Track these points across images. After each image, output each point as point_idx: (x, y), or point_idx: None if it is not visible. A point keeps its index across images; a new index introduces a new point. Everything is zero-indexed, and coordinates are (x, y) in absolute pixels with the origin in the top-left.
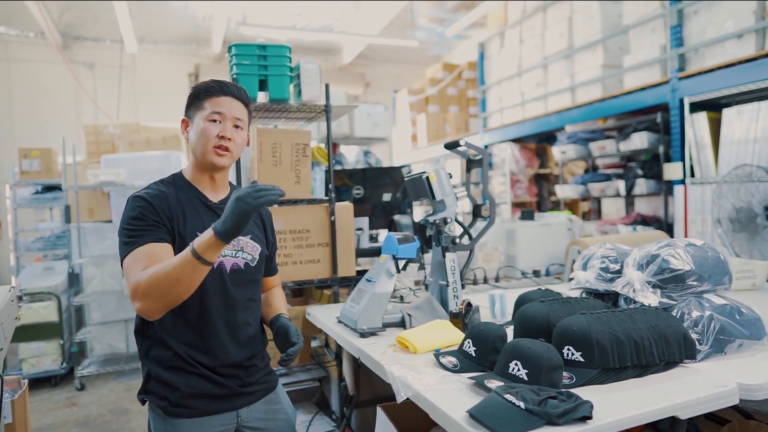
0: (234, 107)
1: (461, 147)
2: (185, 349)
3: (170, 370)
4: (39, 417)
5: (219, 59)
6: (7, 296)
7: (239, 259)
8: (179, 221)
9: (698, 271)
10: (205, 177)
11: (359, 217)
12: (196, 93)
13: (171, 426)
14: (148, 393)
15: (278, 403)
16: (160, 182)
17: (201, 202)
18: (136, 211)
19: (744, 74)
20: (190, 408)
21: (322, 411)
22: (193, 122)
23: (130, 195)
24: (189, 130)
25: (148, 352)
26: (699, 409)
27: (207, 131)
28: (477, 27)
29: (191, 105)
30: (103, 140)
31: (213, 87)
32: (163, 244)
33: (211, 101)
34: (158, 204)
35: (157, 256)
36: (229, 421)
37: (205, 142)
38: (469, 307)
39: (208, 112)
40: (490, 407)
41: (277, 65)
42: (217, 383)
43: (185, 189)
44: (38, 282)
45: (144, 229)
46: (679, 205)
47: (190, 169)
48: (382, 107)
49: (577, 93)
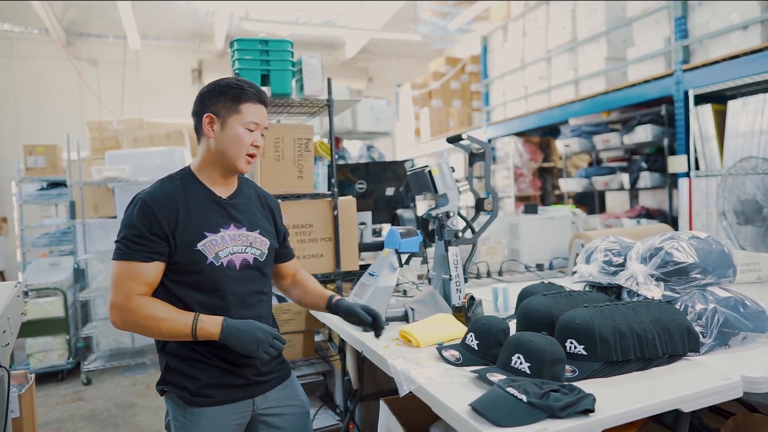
0: (265, 116)
1: (464, 141)
2: (202, 347)
3: (188, 361)
4: (46, 411)
5: (222, 55)
6: (14, 292)
7: (248, 254)
8: (186, 220)
9: (702, 263)
10: (219, 176)
11: (362, 212)
12: (233, 93)
13: (191, 415)
14: (168, 384)
15: (292, 391)
16: (167, 178)
17: (210, 199)
18: (135, 220)
19: (749, 66)
20: (210, 397)
21: (326, 405)
22: (225, 123)
23: (135, 195)
24: (215, 128)
25: (164, 346)
26: (703, 402)
27: (244, 139)
28: (480, 20)
29: (222, 103)
30: (107, 136)
31: (251, 93)
32: (151, 264)
33: (248, 107)
34: (161, 208)
35: (143, 277)
36: (246, 409)
37: (240, 149)
38: (472, 301)
39: (248, 121)
40: (493, 400)
41: (279, 60)
42: (234, 373)
43: (195, 186)
44: (44, 278)
45: (137, 244)
46: (683, 198)
47: (203, 165)
48: (384, 102)
49: (581, 86)
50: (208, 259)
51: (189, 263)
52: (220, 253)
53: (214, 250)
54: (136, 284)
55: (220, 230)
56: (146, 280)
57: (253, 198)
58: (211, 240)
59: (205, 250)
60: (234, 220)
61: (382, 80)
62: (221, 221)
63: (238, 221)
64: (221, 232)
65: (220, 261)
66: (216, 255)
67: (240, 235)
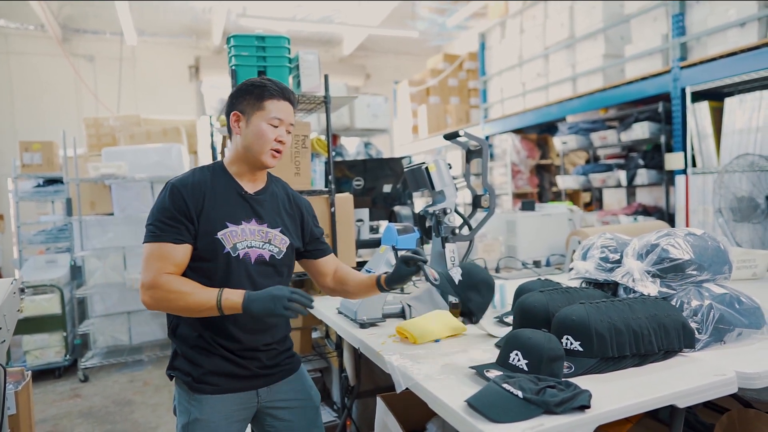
0: (290, 113)
1: (461, 138)
2: (208, 333)
3: (195, 348)
4: (43, 408)
5: (219, 51)
6: (10, 288)
7: (265, 250)
8: (210, 208)
9: (698, 260)
10: (247, 171)
11: (359, 209)
12: (257, 92)
13: (194, 401)
14: (175, 369)
15: (301, 384)
16: (199, 168)
17: (236, 192)
18: (167, 202)
19: (746, 63)
20: (213, 384)
21: (324, 401)
22: (250, 120)
23: (168, 181)
24: (241, 125)
25: (175, 329)
26: (698, 397)
27: (267, 135)
28: (478, 17)
29: (247, 101)
30: (104, 133)
31: (275, 90)
32: (180, 245)
33: (272, 104)
34: (190, 193)
35: (173, 258)
36: (250, 400)
37: (264, 144)
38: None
39: (271, 116)
40: (488, 396)
41: (276, 56)
42: (238, 364)
43: (223, 178)
44: (41, 275)
45: (169, 226)
46: (680, 195)
47: (233, 161)
48: (382, 98)
49: (578, 83)
50: (226, 248)
51: (206, 250)
52: (238, 244)
53: (233, 240)
54: (166, 264)
55: (241, 223)
56: (175, 261)
57: (281, 196)
58: (232, 231)
59: (224, 240)
60: (256, 215)
61: (380, 77)
62: (244, 214)
63: (260, 217)
64: (243, 224)
65: (237, 252)
66: (234, 246)
67: (260, 231)
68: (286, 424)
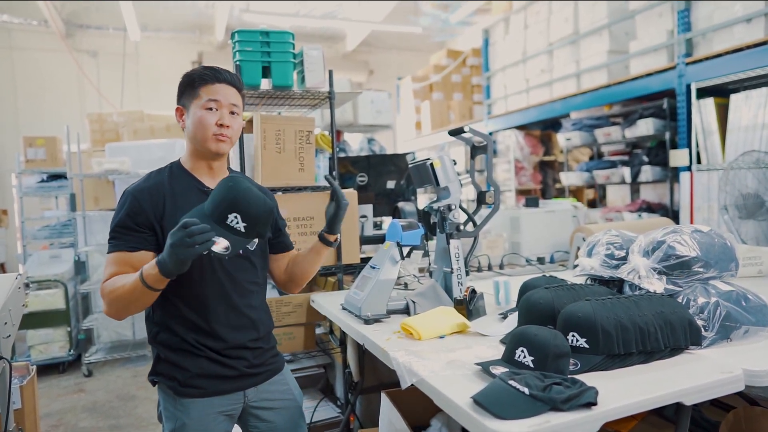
0: (229, 94)
1: (466, 134)
2: (191, 335)
3: (178, 352)
4: (47, 403)
5: (222, 47)
6: (14, 283)
7: None
8: (172, 209)
9: (704, 257)
10: (203, 164)
11: (363, 205)
12: (190, 81)
13: (180, 406)
14: (158, 374)
15: (285, 385)
16: (155, 171)
17: (197, 189)
18: (123, 211)
19: (752, 59)
20: (199, 388)
21: (327, 397)
22: (189, 111)
23: (125, 189)
24: (185, 119)
25: (156, 336)
26: (704, 395)
27: (205, 120)
28: (481, 13)
29: (185, 93)
30: (107, 128)
31: (207, 74)
32: (136, 253)
33: (206, 89)
34: (147, 198)
35: (129, 265)
36: (237, 401)
37: (204, 130)
38: (474, 294)
39: (205, 101)
40: (494, 393)
41: (280, 52)
42: (225, 365)
43: (181, 177)
44: (45, 270)
45: (124, 234)
46: (685, 192)
47: (188, 157)
48: (385, 94)
49: (583, 79)
50: None
51: None
52: None
53: None
54: (120, 271)
55: None
56: (132, 268)
57: None
58: None
59: None
60: None
61: (383, 73)
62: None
63: None
64: None
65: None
66: None
67: None
68: (268, 425)
